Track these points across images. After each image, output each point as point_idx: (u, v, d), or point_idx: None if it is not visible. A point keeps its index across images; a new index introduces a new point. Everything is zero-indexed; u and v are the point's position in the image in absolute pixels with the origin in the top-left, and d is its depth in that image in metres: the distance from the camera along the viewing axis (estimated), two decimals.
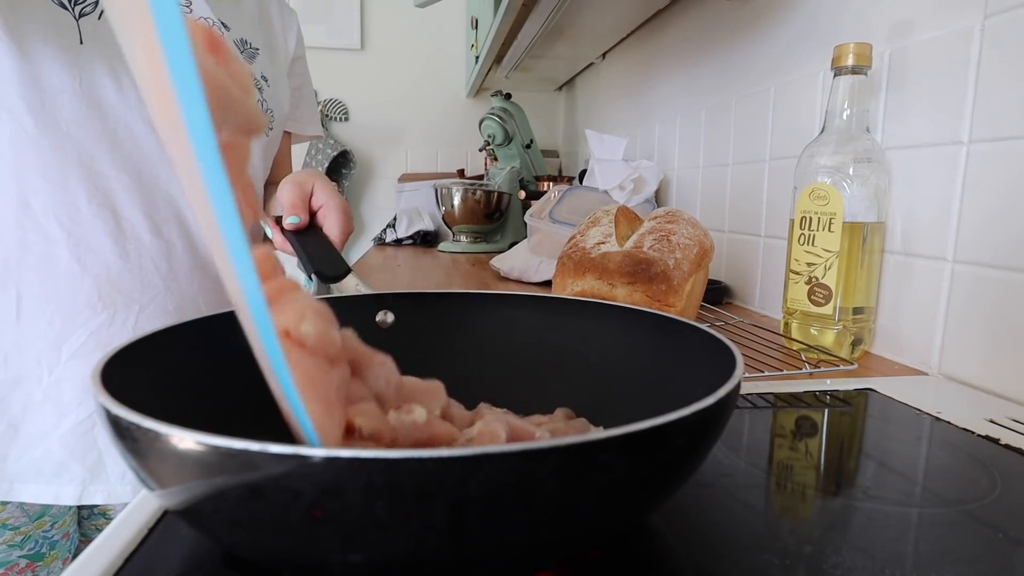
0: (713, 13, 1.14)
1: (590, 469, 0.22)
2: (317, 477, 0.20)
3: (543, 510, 0.22)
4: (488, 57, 1.78)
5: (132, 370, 0.30)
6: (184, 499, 0.23)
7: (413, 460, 0.19)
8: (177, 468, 0.22)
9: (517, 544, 0.23)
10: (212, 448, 0.20)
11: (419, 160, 2.49)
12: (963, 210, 0.60)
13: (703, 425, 0.26)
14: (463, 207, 1.76)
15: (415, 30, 2.40)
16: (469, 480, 0.20)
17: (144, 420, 0.22)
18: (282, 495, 0.20)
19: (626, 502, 0.25)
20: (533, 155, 2.05)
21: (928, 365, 0.64)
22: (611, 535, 0.30)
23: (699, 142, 1.19)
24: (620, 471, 0.23)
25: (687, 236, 0.70)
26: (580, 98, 2.22)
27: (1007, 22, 0.56)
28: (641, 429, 0.22)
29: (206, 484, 0.22)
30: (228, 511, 0.22)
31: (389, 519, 0.20)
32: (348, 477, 0.20)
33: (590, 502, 0.23)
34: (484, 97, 2.43)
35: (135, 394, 0.25)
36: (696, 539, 0.32)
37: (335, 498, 0.20)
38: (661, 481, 0.26)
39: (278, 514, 0.21)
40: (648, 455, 0.24)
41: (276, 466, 0.20)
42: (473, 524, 0.21)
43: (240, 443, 0.20)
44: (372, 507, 0.20)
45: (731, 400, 0.27)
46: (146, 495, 0.34)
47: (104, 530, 0.31)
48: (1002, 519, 0.34)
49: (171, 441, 0.21)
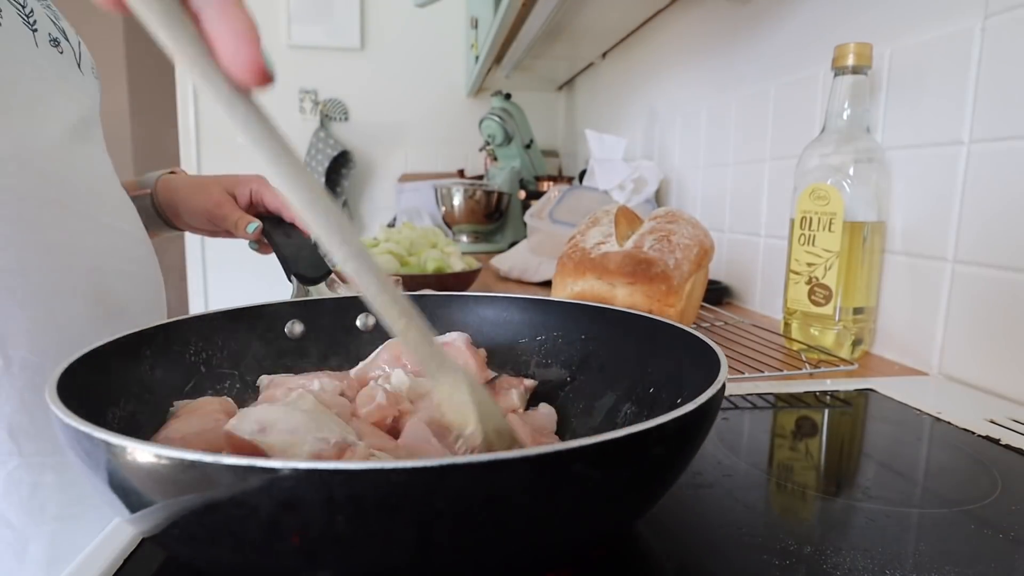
0: (713, 13, 1.14)
1: (563, 480, 0.21)
2: (276, 490, 0.18)
3: (515, 523, 0.21)
4: (488, 57, 1.78)
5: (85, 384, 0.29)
6: (143, 515, 0.22)
7: (375, 472, 0.18)
8: (136, 483, 0.21)
9: (490, 557, 0.22)
10: (168, 460, 0.19)
11: (419, 160, 2.49)
12: (963, 210, 0.60)
13: (683, 432, 0.25)
14: (463, 207, 1.76)
15: (415, 30, 2.40)
16: (434, 493, 0.19)
17: (107, 435, 0.21)
18: (239, 509, 0.19)
19: (605, 513, 0.24)
20: (533, 155, 2.05)
21: (928, 365, 0.64)
22: (596, 544, 0.30)
23: (699, 142, 1.19)
24: (595, 481, 0.21)
25: (687, 236, 0.70)
26: (580, 98, 2.22)
27: (1007, 22, 0.56)
28: (616, 437, 0.21)
29: (161, 498, 0.20)
30: (184, 526, 0.21)
31: (352, 534, 0.19)
32: (308, 490, 0.18)
33: (565, 513, 0.22)
34: (484, 97, 2.43)
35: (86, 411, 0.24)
36: (696, 539, 0.32)
37: (295, 512, 0.19)
38: (641, 490, 0.25)
39: (236, 529, 0.20)
40: (625, 464, 0.22)
41: (232, 479, 0.19)
42: (441, 539, 0.20)
43: (193, 455, 0.19)
44: (333, 522, 0.19)
45: (713, 406, 0.26)
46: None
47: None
48: (1002, 519, 0.34)
49: (127, 455, 0.20)
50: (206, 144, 2.38)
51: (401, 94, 2.44)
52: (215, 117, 2.36)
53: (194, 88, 2.32)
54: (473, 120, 2.36)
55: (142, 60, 3.11)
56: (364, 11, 2.37)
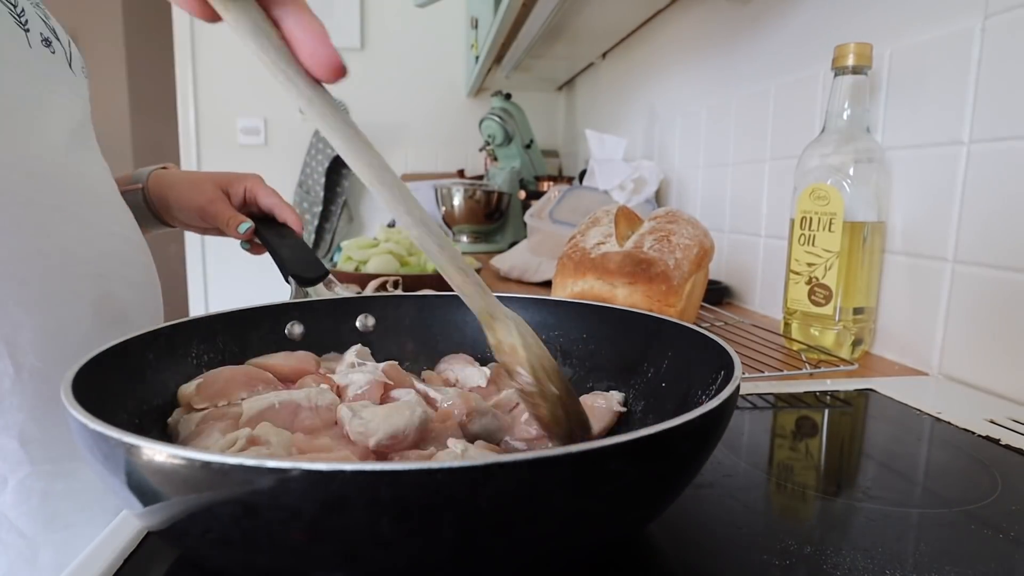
0: (713, 13, 1.14)
1: (601, 477, 0.21)
2: (317, 492, 0.18)
3: (550, 521, 0.21)
4: (488, 57, 1.78)
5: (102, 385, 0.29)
6: (167, 518, 0.21)
7: (421, 472, 0.18)
8: (162, 485, 0.20)
9: (522, 557, 0.22)
10: (202, 464, 0.19)
11: (419, 160, 2.49)
12: (963, 210, 0.60)
13: (709, 428, 0.25)
14: (463, 207, 1.76)
15: (415, 30, 2.40)
16: (478, 492, 0.19)
17: (130, 437, 0.20)
18: (279, 513, 0.19)
19: (631, 510, 0.25)
20: (533, 155, 2.05)
21: (928, 365, 0.64)
22: (617, 540, 0.30)
23: (699, 142, 1.19)
24: (630, 478, 0.22)
25: (687, 236, 0.70)
26: (580, 98, 2.22)
27: (1007, 22, 0.56)
28: (651, 434, 0.21)
29: (195, 502, 0.20)
30: (220, 531, 0.21)
31: (393, 535, 0.19)
32: (352, 492, 0.18)
33: (598, 510, 0.22)
34: (484, 97, 2.43)
35: (109, 411, 0.24)
36: (697, 539, 0.32)
37: (337, 514, 0.19)
38: (667, 486, 0.26)
39: (275, 533, 0.19)
40: (657, 460, 0.23)
41: (271, 482, 0.18)
42: (480, 537, 0.20)
43: (234, 459, 0.18)
44: (377, 523, 0.19)
45: (732, 403, 0.27)
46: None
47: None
48: (1002, 519, 0.34)
49: (157, 457, 0.20)
50: (206, 144, 2.38)
51: (401, 94, 2.44)
52: (215, 117, 2.36)
53: (194, 88, 2.32)
54: (473, 120, 2.36)
55: (142, 59, 3.11)
56: (364, 11, 2.37)
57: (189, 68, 2.31)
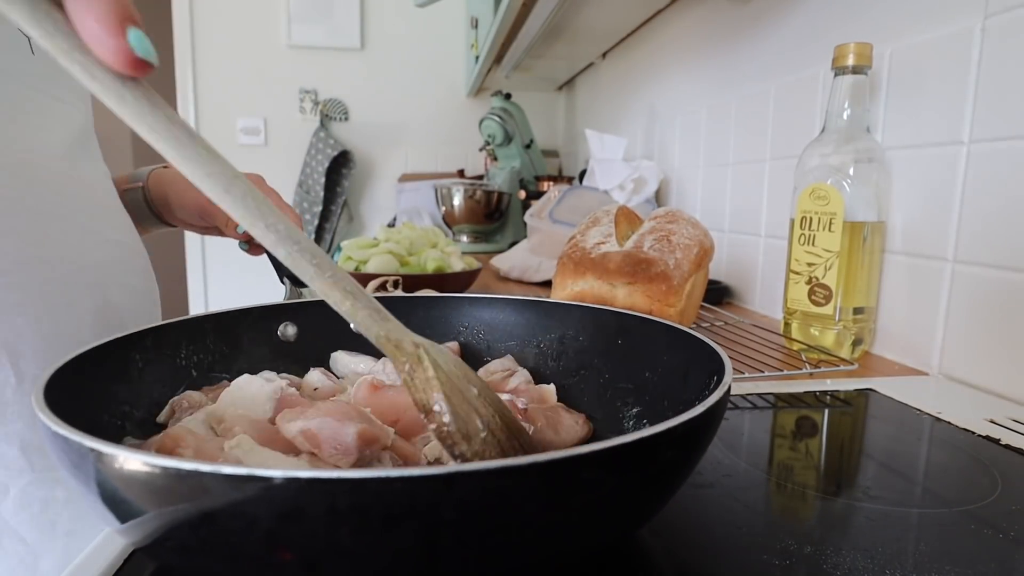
0: (713, 13, 1.14)
1: (573, 487, 0.20)
2: (275, 501, 0.18)
3: (523, 530, 0.20)
4: (488, 57, 1.78)
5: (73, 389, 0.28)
6: (135, 527, 0.21)
7: (379, 480, 0.17)
8: (125, 493, 0.20)
9: (496, 566, 0.22)
10: (160, 470, 0.18)
11: (419, 160, 2.49)
12: (963, 210, 0.60)
13: (692, 435, 0.24)
14: (463, 207, 1.76)
15: (415, 30, 2.40)
16: (441, 502, 0.18)
17: (93, 441, 0.20)
18: (237, 521, 0.18)
19: (613, 519, 0.24)
20: (533, 155, 2.05)
21: (928, 365, 0.64)
22: (600, 549, 0.29)
23: (699, 142, 1.19)
24: (606, 487, 0.21)
25: (687, 236, 0.70)
26: (580, 98, 2.22)
27: (1007, 22, 0.56)
28: (627, 442, 0.20)
29: (154, 509, 0.20)
30: (178, 538, 0.20)
31: (355, 546, 0.19)
32: (309, 500, 0.18)
33: (575, 520, 0.22)
34: (484, 97, 2.43)
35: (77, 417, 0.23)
36: (696, 539, 0.32)
37: (294, 524, 0.18)
38: (650, 495, 0.25)
39: (233, 542, 0.19)
40: (636, 469, 0.22)
41: (229, 490, 0.18)
42: (447, 549, 0.19)
43: (189, 464, 0.18)
44: (336, 533, 0.18)
45: (720, 408, 0.26)
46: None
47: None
48: (1002, 519, 0.34)
49: (116, 463, 0.19)
50: None
51: (401, 94, 2.44)
52: (215, 117, 2.36)
53: (193, 88, 2.32)
54: (473, 120, 2.36)
55: None
56: (364, 11, 2.37)
57: (189, 68, 2.31)
